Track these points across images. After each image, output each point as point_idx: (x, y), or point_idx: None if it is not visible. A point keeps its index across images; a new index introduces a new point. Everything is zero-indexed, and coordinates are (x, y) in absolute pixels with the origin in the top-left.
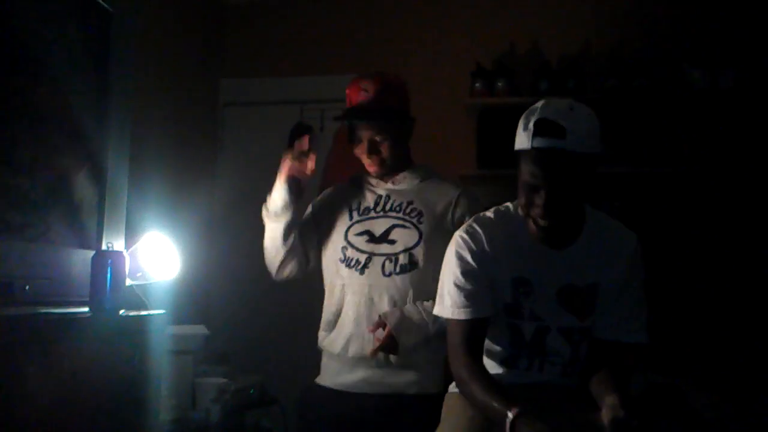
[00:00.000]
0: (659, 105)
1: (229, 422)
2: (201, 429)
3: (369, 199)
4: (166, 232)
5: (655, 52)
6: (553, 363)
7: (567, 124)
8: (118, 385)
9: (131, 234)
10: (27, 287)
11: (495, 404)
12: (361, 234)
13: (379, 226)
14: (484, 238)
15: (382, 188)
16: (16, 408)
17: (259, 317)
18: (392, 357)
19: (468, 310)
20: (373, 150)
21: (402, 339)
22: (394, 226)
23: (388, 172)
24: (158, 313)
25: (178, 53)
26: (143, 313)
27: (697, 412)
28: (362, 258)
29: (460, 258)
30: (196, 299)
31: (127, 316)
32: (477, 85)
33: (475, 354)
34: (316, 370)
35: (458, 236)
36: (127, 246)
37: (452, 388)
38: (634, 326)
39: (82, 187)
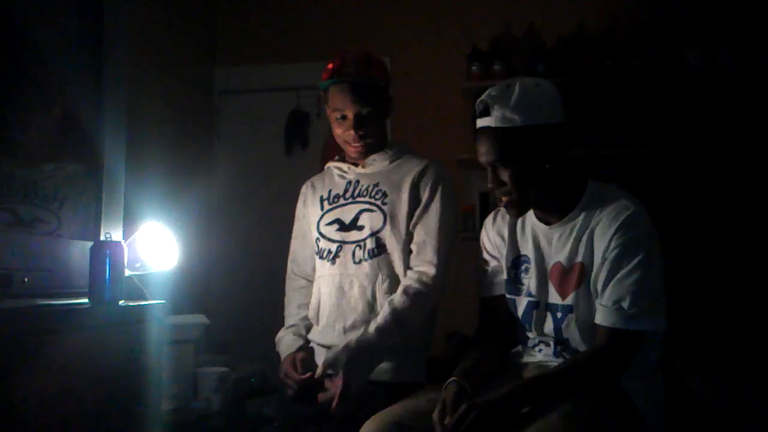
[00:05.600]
0: (656, 85)
1: (230, 411)
2: (202, 418)
3: (340, 186)
4: (165, 221)
5: (651, 32)
6: (548, 344)
7: (495, 101)
8: (118, 376)
9: (129, 224)
10: (26, 279)
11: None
12: (331, 223)
13: (348, 213)
14: (498, 222)
15: (352, 173)
16: (16, 400)
17: (259, 305)
18: None
19: (483, 289)
20: (360, 125)
21: (356, 379)
22: (362, 211)
23: (370, 151)
24: (158, 303)
25: (172, 42)
26: (143, 303)
27: (696, 394)
28: (333, 247)
29: (481, 243)
30: (195, 289)
31: (127, 307)
32: (473, 68)
33: (482, 329)
34: None
35: (485, 221)
36: (126, 236)
37: None
38: (615, 308)
39: (79, 177)
